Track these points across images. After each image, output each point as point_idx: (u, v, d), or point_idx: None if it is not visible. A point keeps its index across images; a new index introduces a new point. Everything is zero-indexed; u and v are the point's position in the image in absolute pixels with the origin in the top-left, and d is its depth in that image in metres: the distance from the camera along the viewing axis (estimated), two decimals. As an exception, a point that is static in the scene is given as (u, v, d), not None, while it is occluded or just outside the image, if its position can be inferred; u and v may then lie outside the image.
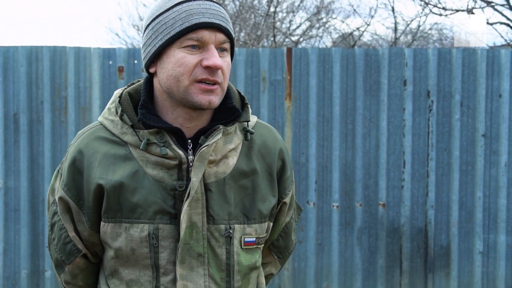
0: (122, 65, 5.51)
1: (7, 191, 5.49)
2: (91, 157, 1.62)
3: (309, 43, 14.30)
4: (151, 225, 1.58)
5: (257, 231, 1.69)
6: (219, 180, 1.63)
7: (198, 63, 1.56)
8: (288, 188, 1.80)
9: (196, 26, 1.54)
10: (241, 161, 1.67)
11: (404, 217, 5.62)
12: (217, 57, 1.55)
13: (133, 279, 1.63)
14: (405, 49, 5.66)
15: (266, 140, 1.75)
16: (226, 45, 1.60)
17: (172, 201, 1.60)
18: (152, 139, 1.59)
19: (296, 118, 5.58)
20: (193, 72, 1.56)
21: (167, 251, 1.60)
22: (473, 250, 5.68)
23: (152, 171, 1.60)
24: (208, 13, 1.56)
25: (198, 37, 1.55)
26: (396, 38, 12.49)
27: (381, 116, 5.59)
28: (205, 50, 1.56)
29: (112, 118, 1.66)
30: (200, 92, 1.56)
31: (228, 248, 1.63)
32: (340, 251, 5.63)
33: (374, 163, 5.60)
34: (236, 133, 1.68)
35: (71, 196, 1.65)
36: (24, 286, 5.52)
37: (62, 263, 1.76)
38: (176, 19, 1.55)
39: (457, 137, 5.61)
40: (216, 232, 1.62)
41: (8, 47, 5.49)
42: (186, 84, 1.56)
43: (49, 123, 5.48)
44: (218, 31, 1.57)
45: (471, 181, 5.64)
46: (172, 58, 1.56)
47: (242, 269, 1.67)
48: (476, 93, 5.62)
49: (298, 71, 5.59)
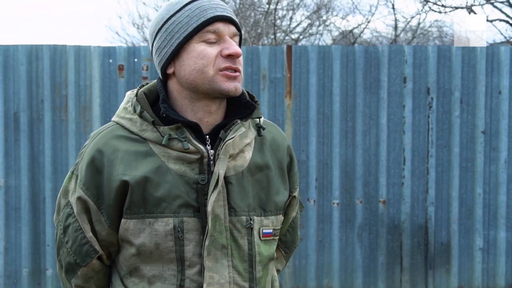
0: (122, 64, 5.52)
1: (7, 190, 5.50)
2: (112, 155, 1.65)
3: (309, 40, 14.30)
4: (176, 219, 1.61)
5: (274, 223, 1.74)
6: (238, 173, 1.67)
7: (218, 53, 1.62)
8: (296, 183, 1.87)
9: (213, 19, 1.62)
10: (256, 156, 1.73)
11: (405, 214, 5.63)
12: (235, 46, 1.64)
13: (156, 274, 1.65)
14: (405, 46, 5.66)
15: (275, 137, 1.81)
16: (236, 38, 1.69)
17: (195, 194, 1.63)
18: (173, 134, 1.63)
19: (296, 115, 5.59)
20: (215, 63, 1.62)
21: (192, 243, 1.63)
22: (473, 246, 5.69)
23: (174, 166, 1.63)
24: (219, 8, 1.64)
25: (215, 29, 1.63)
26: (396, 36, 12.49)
27: (381, 113, 5.59)
28: (222, 42, 1.64)
29: (129, 116, 1.69)
30: (226, 80, 1.63)
31: (250, 239, 1.67)
32: (341, 248, 5.63)
33: (374, 160, 5.61)
34: (250, 129, 1.73)
35: (90, 195, 1.66)
36: (25, 284, 5.54)
37: (76, 267, 1.73)
38: (191, 16, 1.62)
39: (457, 134, 5.61)
40: (238, 224, 1.66)
41: (8, 46, 5.49)
42: (211, 74, 1.62)
43: (50, 122, 5.49)
44: (230, 23, 1.66)
45: (471, 177, 5.64)
46: (193, 53, 1.63)
47: (263, 260, 1.71)
48: (476, 90, 5.62)
49: (298, 69, 5.59)
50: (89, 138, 1.74)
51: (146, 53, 5.53)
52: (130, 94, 1.75)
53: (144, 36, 15.89)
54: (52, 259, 5.50)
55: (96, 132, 1.74)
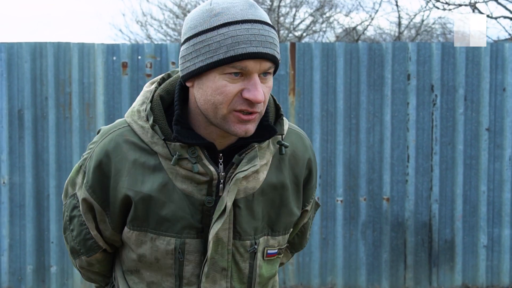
0: (126, 61, 5.52)
1: (12, 187, 5.51)
2: (119, 164, 1.59)
3: (312, 38, 14.29)
4: (178, 239, 1.58)
5: (280, 243, 1.70)
6: (248, 195, 1.60)
7: (239, 92, 1.48)
8: (311, 197, 1.80)
9: (242, 57, 1.44)
10: (271, 175, 1.64)
11: (408, 211, 5.62)
12: (259, 90, 1.47)
13: (154, 281, 1.64)
14: (408, 43, 5.65)
15: (296, 150, 1.71)
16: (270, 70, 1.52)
17: (200, 215, 1.59)
18: (184, 154, 1.55)
19: (300, 112, 5.59)
20: (232, 102, 1.48)
21: (192, 264, 1.60)
22: (478, 244, 5.68)
23: (181, 185, 1.57)
24: (256, 41, 1.45)
25: (242, 66, 1.45)
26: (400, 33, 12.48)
27: (385, 111, 5.59)
28: (248, 80, 1.48)
29: (142, 124, 1.60)
30: (237, 122, 1.50)
31: (252, 262, 1.64)
32: (345, 245, 5.63)
33: (378, 157, 5.60)
34: (269, 147, 1.64)
35: (96, 198, 1.63)
36: (29, 281, 5.55)
37: (80, 253, 1.74)
38: (221, 44, 1.44)
39: (461, 131, 5.60)
40: (242, 248, 1.62)
41: (12, 44, 5.50)
42: (224, 113, 1.49)
43: (54, 119, 5.50)
44: (264, 60, 1.47)
45: (475, 175, 5.64)
46: (212, 84, 1.48)
47: (263, 281, 1.69)
48: (480, 87, 5.61)
49: (302, 66, 5.59)
50: (100, 134, 1.67)
51: (150, 50, 5.53)
52: (146, 93, 1.65)
53: (147, 33, 15.89)
54: (56, 256, 5.51)
55: (107, 130, 1.66)
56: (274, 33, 1.51)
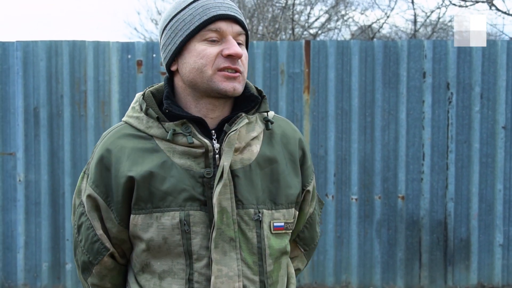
0: (140, 59, 5.54)
1: (28, 185, 5.55)
2: (119, 152, 1.68)
3: (327, 35, 14.25)
4: (182, 212, 1.62)
5: (285, 216, 1.73)
6: (245, 166, 1.68)
7: (219, 53, 1.63)
8: (310, 177, 1.85)
9: (215, 18, 1.62)
10: (264, 149, 1.73)
11: (424, 210, 5.59)
12: (236, 46, 1.63)
13: (165, 269, 1.66)
14: (424, 40, 5.62)
15: (285, 130, 1.81)
16: (242, 37, 1.69)
17: (201, 188, 1.64)
18: (178, 129, 1.64)
19: (315, 110, 5.57)
20: (215, 62, 1.63)
21: (199, 236, 1.63)
22: (493, 242, 5.64)
23: (179, 160, 1.65)
24: (223, 6, 1.64)
25: (217, 28, 1.63)
26: (416, 30, 12.40)
27: (400, 109, 5.56)
28: (224, 42, 1.64)
29: (136, 115, 1.72)
30: (224, 80, 1.63)
31: (259, 231, 1.67)
32: (359, 243, 5.62)
33: (393, 155, 5.58)
34: (257, 123, 1.74)
35: (99, 193, 1.69)
36: (45, 278, 5.58)
37: (90, 265, 1.76)
38: (194, 14, 1.63)
39: (477, 129, 5.57)
40: (246, 216, 1.65)
41: (28, 42, 5.53)
42: (209, 73, 1.63)
43: (69, 117, 5.52)
44: (235, 22, 1.66)
45: (491, 173, 5.60)
46: (193, 52, 1.64)
47: (273, 253, 1.70)
48: (496, 84, 5.57)
49: (317, 64, 5.57)
50: (100, 138, 1.77)
51: (165, 48, 5.54)
52: (138, 95, 1.78)
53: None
54: (71, 253, 5.54)
55: (106, 132, 1.77)
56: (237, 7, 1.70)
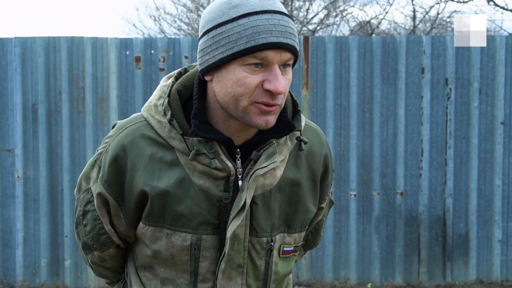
0: (139, 55, 5.53)
1: (26, 181, 5.54)
2: (136, 158, 1.57)
3: (326, 31, 14.24)
4: (194, 235, 1.56)
5: (296, 240, 1.69)
6: (265, 192, 1.59)
7: (260, 84, 1.47)
8: (327, 194, 1.79)
9: (263, 47, 1.43)
10: (288, 171, 1.63)
11: (422, 206, 5.59)
12: (280, 81, 1.46)
13: (169, 278, 1.63)
14: (423, 36, 5.61)
15: (312, 146, 1.70)
16: (290, 61, 1.51)
17: (217, 212, 1.57)
18: (201, 149, 1.53)
19: (313, 106, 5.57)
20: (253, 94, 1.47)
21: (207, 261, 1.59)
22: (492, 238, 5.65)
23: (198, 181, 1.56)
24: (276, 31, 1.44)
25: (263, 57, 1.44)
26: (415, 26, 12.39)
27: (398, 104, 5.56)
28: (268, 70, 1.47)
29: (159, 118, 1.58)
30: (258, 113, 1.49)
31: (268, 259, 1.63)
32: (358, 239, 5.62)
33: (392, 151, 5.58)
34: (286, 144, 1.63)
35: (111, 193, 1.61)
36: (44, 275, 5.58)
37: (92, 249, 1.73)
38: (241, 34, 1.44)
39: (476, 125, 5.56)
40: (258, 245, 1.61)
41: (26, 38, 5.52)
42: (245, 104, 1.48)
43: (67, 114, 5.52)
44: (284, 50, 1.47)
45: (489, 169, 5.60)
46: (232, 76, 1.47)
47: (278, 278, 1.68)
48: (495, 80, 5.57)
49: (315, 60, 5.57)
50: (116, 129, 1.65)
51: (163, 44, 5.53)
52: (164, 87, 1.64)
53: (160, 28, 15.91)
54: (70, 250, 5.54)
55: (123, 125, 1.64)
56: (293, 24, 1.50)
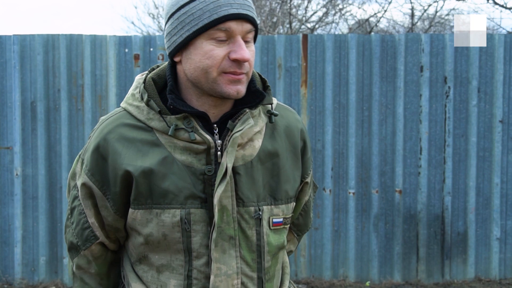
0: (138, 53, 5.52)
1: (25, 179, 5.54)
2: (116, 143, 1.63)
3: (325, 29, 14.24)
4: (183, 210, 1.60)
5: (284, 212, 1.72)
6: (247, 163, 1.65)
7: (226, 55, 1.56)
8: (309, 168, 1.84)
9: (225, 18, 1.53)
10: (266, 143, 1.70)
11: (421, 204, 5.60)
12: (245, 50, 1.56)
13: (164, 263, 1.65)
14: (421, 34, 5.62)
15: (288, 121, 1.77)
16: (251, 34, 1.61)
17: (202, 185, 1.62)
18: (180, 124, 1.60)
19: (312, 105, 5.57)
20: (221, 65, 1.56)
21: (199, 235, 1.62)
22: (491, 236, 5.65)
23: (180, 157, 1.61)
24: (235, 3, 1.55)
25: (226, 28, 1.54)
26: (413, 24, 12.39)
27: (397, 103, 5.56)
28: (232, 42, 1.57)
29: (137, 104, 1.66)
30: (228, 83, 1.57)
31: (258, 229, 1.66)
32: (357, 237, 5.62)
33: (391, 149, 5.58)
34: (260, 116, 1.70)
35: (95, 182, 1.66)
36: (42, 273, 5.58)
37: (78, 248, 1.75)
38: (204, 10, 1.54)
39: (474, 123, 5.57)
40: (246, 214, 1.64)
41: (24, 36, 5.52)
42: (214, 75, 1.57)
43: (66, 111, 5.52)
44: (245, 21, 1.57)
45: (488, 167, 5.60)
46: (199, 50, 1.56)
47: (272, 249, 1.70)
48: (494, 78, 5.57)
49: (314, 58, 5.57)
50: (98, 123, 1.73)
51: (162, 42, 5.53)
52: (139, 79, 1.73)
53: (159, 25, 15.90)
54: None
55: (104, 118, 1.72)
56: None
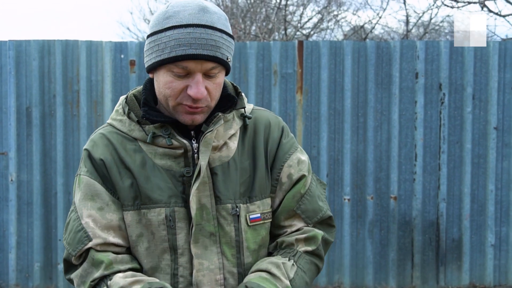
0: (133, 59, 5.53)
1: (20, 185, 5.53)
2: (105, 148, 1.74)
3: (320, 36, 14.27)
4: (168, 208, 1.69)
5: (260, 207, 1.78)
6: (224, 163, 1.74)
7: (184, 88, 1.66)
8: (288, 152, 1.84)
9: (181, 57, 1.61)
10: (241, 144, 1.79)
11: (416, 210, 5.61)
12: (199, 88, 1.63)
13: (153, 266, 1.72)
14: (417, 41, 5.63)
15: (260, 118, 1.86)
16: (216, 69, 1.67)
17: (182, 187, 1.71)
18: (158, 132, 1.71)
19: (308, 111, 5.58)
20: (179, 97, 1.66)
21: (183, 231, 1.70)
22: (485, 243, 5.66)
23: (160, 161, 1.72)
24: (196, 44, 1.61)
25: (183, 66, 1.62)
26: (408, 31, 12.43)
27: (392, 109, 5.57)
28: (192, 77, 1.64)
29: (120, 118, 1.78)
30: (185, 112, 1.68)
31: (236, 225, 1.73)
32: (352, 244, 5.63)
33: (386, 156, 5.59)
34: (235, 120, 1.79)
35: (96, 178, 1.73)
36: (37, 278, 5.56)
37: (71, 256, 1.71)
38: (167, 45, 1.63)
39: (469, 130, 5.58)
40: (224, 211, 1.72)
41: (20, 41, 5.51)
42: (173, 104, 1.68)
43: (61, 117, 5.51)
44: (205, 61, 1.63)
45: (483, 174, 5.62)
46: (162, 78, 1.67)
47: (251, 246, 1.76)
48: (488, 85, 5.59)
49: (310, 64, 5.58)
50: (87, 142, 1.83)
51: (158, 48, 5.53)
52: (122, 98, 1.84)
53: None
54: (63, 253, 5.52)
55: (91, 136, 1.83)
56: (220, 36, 1.65)
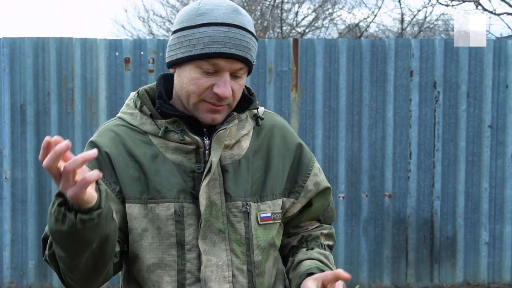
0: (128, 56, 5.52)
1: (14, 182, 5.52)
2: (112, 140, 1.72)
3: (315, 34, 14.27)
4: (177, 204, 1.67)
5: (271, 207, 1.78)
6: (235, 161, 1.74)
7: (210, 86, 1.65)
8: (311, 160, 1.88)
9: (215, 55, 1.62)
10: (254, 144, 1.79)
11: (410, 208, 5.62)
12: (227, 87, 1.64)
13: (155, 262, 1.69)
14: (411, 40, 5.64)
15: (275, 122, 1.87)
16: (242, 70, 1.68)
17: (192, 182, 1.69)
18: (170, 127, 1.70)
19: (302, 109, 5.58)
20: (203, 94, 1.66)
21: (192, 227, 1.68)
22: (479, 240, 5.68)
23: (171, 156, 1.70)
24: (230, 43, 1.62)
25: (215, 63, 1.62)
26: (403, 29, 12.44)
27: (387, 107, 5.58)
28: (219, 76, 1.65)
29: (130, 111, 1.77)
30: (206, 111, 1.68)
31: (246, 223, 1.72)
32: (346, 241, 5.63)
33: (380, 154, 5.60)
34: (247, 120, 1.80)
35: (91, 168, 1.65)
36: (31, 276, 5.56)
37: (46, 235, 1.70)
38: (200, 41, 1.62)
39: (464, 128, 5.60)
40: (234, 208, 1.71)
41: (14, 39, 5.50)
42: (195, 101, 1.67)
43: (56, 115, 5.50)
44: (236, 61, 1.64)
45: (477, 172, 5.63)
46: (188, 74, 1.66)
47: (261, 244, 1.75)
48: (483, 83, 5.61)
49: (305, 62, 5.58)
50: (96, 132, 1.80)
51: (152, 46, 5.53)
52: (133, 93, 1.83)
53: (149, 29, 15.89)
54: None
55: (99, 129, 1.80)
56: (251, 38, 1.67)
